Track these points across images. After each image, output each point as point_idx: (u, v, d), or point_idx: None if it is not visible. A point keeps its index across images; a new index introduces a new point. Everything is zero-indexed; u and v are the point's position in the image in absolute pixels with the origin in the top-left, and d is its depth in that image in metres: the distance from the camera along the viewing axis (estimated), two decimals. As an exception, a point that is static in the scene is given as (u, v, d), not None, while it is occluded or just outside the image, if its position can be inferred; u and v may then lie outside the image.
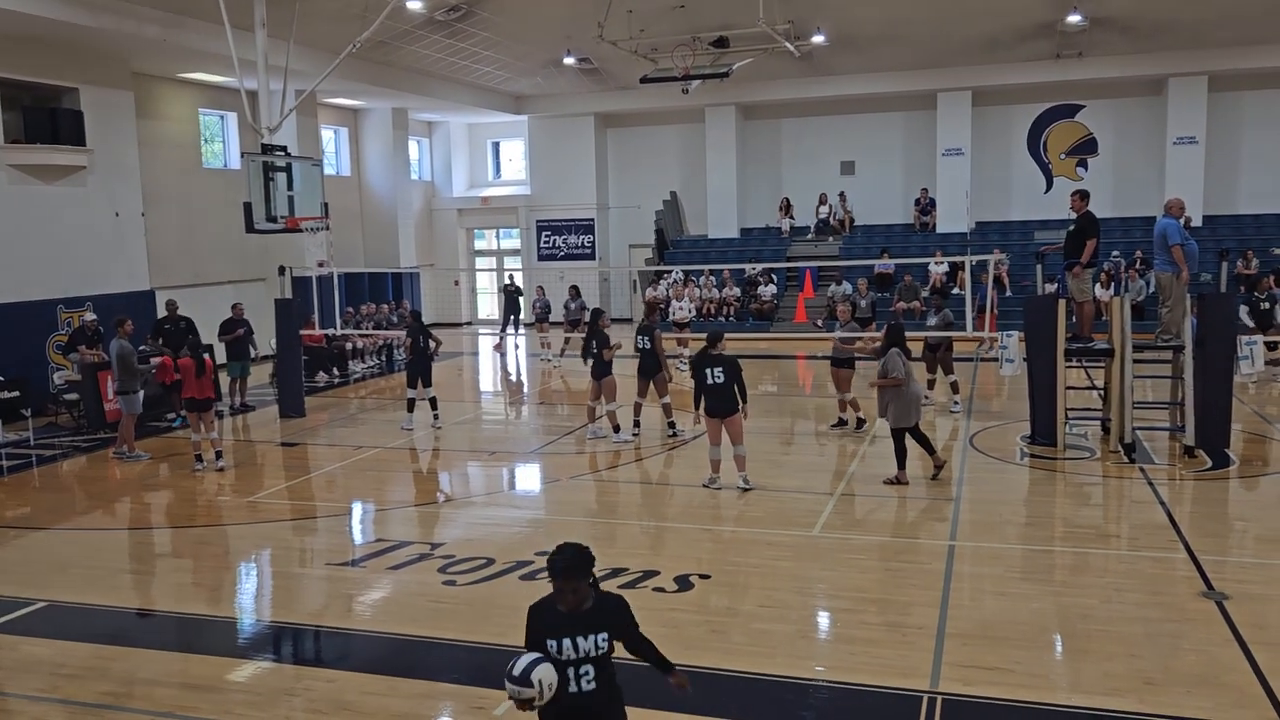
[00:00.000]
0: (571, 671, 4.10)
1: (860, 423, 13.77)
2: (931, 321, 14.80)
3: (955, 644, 6.79)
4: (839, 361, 13.72)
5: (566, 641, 4.10)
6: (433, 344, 14.72)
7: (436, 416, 14.78)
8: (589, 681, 4.14)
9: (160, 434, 15.18)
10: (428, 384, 14.69)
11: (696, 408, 10.75)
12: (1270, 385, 16.09)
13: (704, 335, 11.33)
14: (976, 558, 8.66)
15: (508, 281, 24.35)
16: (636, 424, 13.69)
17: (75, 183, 17.73)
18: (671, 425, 13.71)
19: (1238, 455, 11.69)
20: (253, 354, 17.16)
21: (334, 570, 8.89)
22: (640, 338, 13.67)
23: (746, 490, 10.61)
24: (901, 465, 10.95)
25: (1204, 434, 11.65)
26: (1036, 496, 10.83)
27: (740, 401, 10.60)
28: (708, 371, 10.55)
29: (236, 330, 16.84)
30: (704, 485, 10.87)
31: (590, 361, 13.60)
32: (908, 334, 11.31)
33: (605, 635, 4.16)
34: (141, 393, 13.71)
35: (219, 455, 12.62)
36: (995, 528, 9.52)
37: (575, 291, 21.53)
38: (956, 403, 14.88)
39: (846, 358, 13.66)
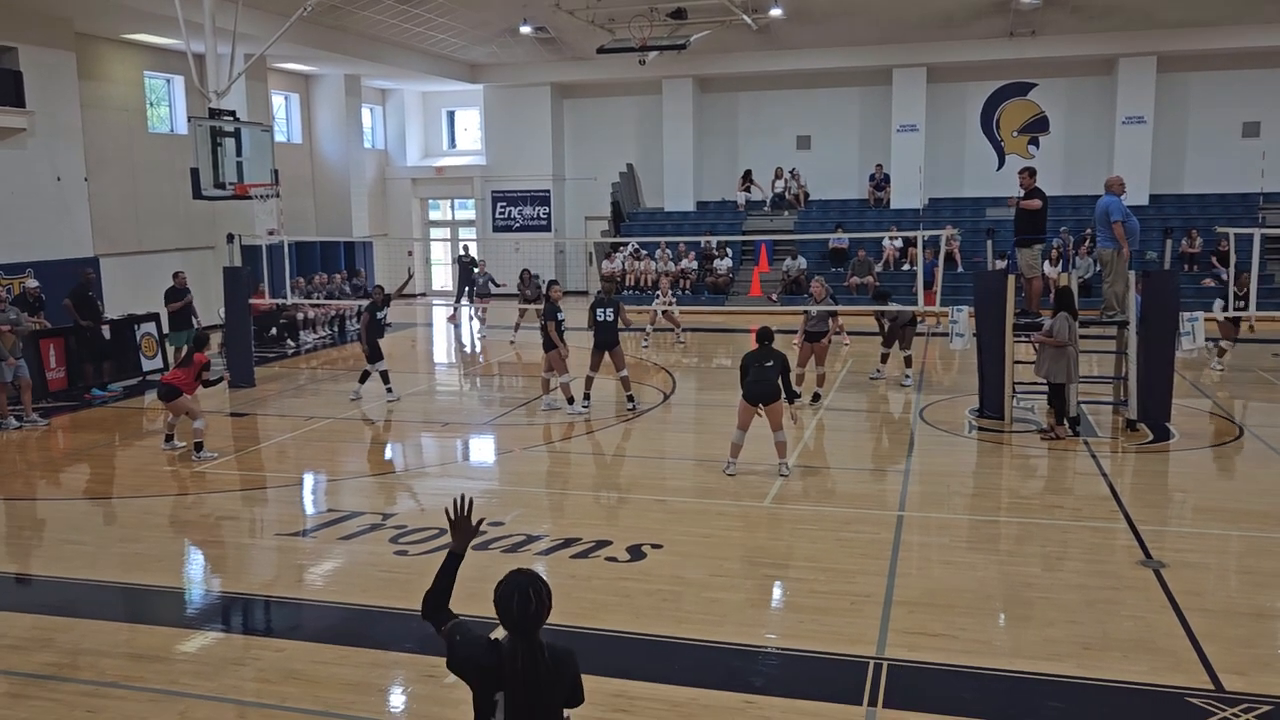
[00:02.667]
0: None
1: (816, 396, 13.93)
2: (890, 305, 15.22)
3: (902, 611, 6.92)
4: (811, 336, 13.89)
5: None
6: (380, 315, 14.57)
7: (390, 390, 14.63)
8: None
9: (92, 405, 14.92)
10: (377, 357, 14.51)
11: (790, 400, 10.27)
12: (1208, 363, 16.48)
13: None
14: (924, 528, 8.82)
15: (462, 253, 24.14)
16: (587, 398, 13.64)
17: (15, 145, 17.24)
18: (630, 399, 13.70)
19: (1178, 429, 11.98)
20: (194, 323, 16.72)
21: (284, 541, 8.82)
22: (601, 310, 13.58)
23: (785, 476, 10.17)
24: (1060, 420, 11.51)
25: (1146, 408, 11.93)
26: (983, 469, 11.03)
27: (787, 396, 10.18)
28: (757, 364, 10.13)
29: (185, 298, 16.51)
30: (724, 471, 10.38)
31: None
32: (859, 309, 11.45)
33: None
34: (20, 361, 13.27)
35: (199, 448, 11.54)
36: (943, 499, 9.69)
37: (527, 276, 21.00)
38: (908, 376, 15.11)
39: (819, 331, 13.84)
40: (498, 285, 22.21)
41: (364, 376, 14.69)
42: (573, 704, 3.59)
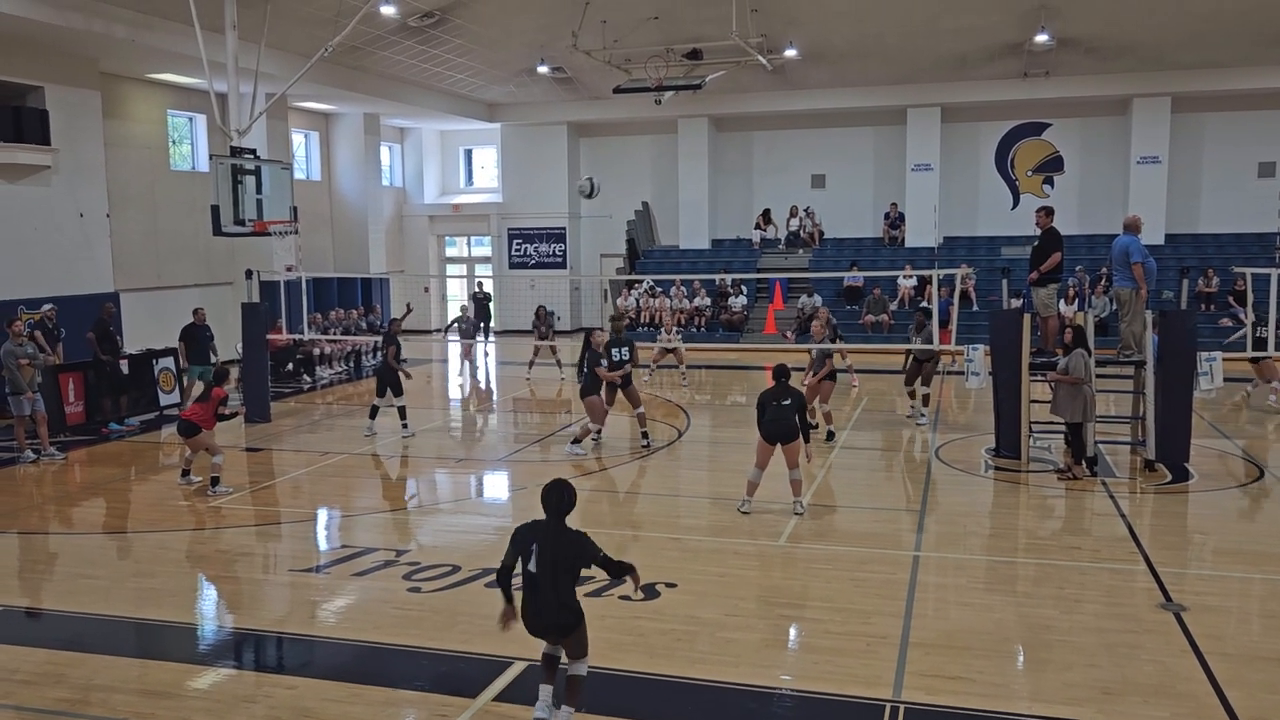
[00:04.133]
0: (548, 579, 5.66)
1: (830, 435, 13.89)
2: (915, 342, 15.06)
3: (918, 653, 6.84)
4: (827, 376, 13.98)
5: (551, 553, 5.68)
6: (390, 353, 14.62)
7: (405, 425, 14.65)
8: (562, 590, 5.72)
9: (109, 440, 15.00)
10: (398, 393, 14.58)
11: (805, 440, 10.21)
12: (1228, 401, 16.36)
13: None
14: (941, 568, 8.73)
15: (477, 289, 24.27)
16: (598, 433, 13.61)
17: (39, 182, 17.49)
18: (645, 435, 13.68)
19: (1197, 470, 11.86)
20: (213, 359, 16.80)
21: (297, 577, 8.81)
22: (617, 350, 13.60)
23: (799, 515, 10.10)
24: (1078, 460, 11.42)
25: (1164, 448, 11.83)
26: (1000, 509, 10.94)
27: (803, 436, 10.17)
28: (774, 403, 10.09)
29: (205, 334, 16.63)
30: (738, 509, 10.31)
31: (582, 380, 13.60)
32: (880, 345, 11.45)
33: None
34: (31, 396, 13.30)
35: (215, 482, 11.55)
36: (959, 539, 9.60)
37: (542, 313, 21.12)
38: (923, 415, 15.02)
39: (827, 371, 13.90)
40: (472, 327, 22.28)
41: (374, 411, 14.73)
42: (594, 561, 5.77)
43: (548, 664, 5.97)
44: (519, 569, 5.73)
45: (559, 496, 5.75)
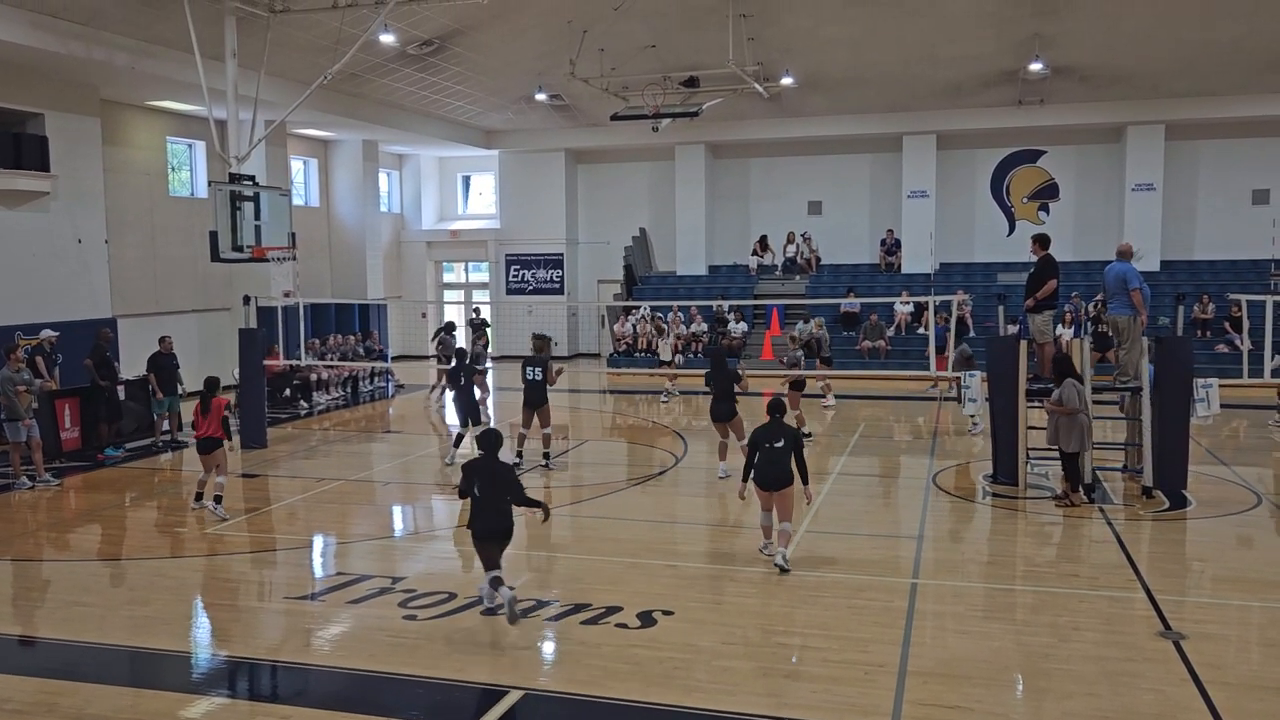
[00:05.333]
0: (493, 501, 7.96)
1: (806, 435, 14.74)
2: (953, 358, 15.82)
3: (917, 682, 6.80)
4: (792, 384, 15.82)
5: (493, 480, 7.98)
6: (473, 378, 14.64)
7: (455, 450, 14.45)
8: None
9: (105, 466, 14.95)
10: (476, 422, 14.56)
11: (746, 479, 9.48)
12: (1225, 426, 16.37)
13: (687, 371, 11.24)
14: (939, 596, 8.70)
15: (473, 314, 24.30)
16: (519, 454, 13.85)
17: (38, 209, 17.54)
18: (546, 456, 13.98)
19: (1195, 497, 11.85)
20: (179, 389, 16.70)
21: (293, 604, 8.76)
22: (530, 369, 13.85)
23: (783, 570, 9.20)
24: (1075, 487, 11.38)
25: (1162, 475, 11.82)
26: (998, 535, 10.91)
27: (801, 478, 9.36)
28: (766, 444, 9.33)
29: (172, 363, 16.32)
30: (761, 550, 9.71)
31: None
32: (876, 372, 11.46)
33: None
34: (27, 423, 13.24)
35: (218, 500, 11.60)
36: (957, 566, 9.58)
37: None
38: (977, 424, 15.71)
39: (798, 381, 15.91)
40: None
41: (459, 439, 14.56)
42: (519, 500, 8.04)
43: (495, 586, 7.94)
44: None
45: (491, 440, 8.19)
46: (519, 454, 13.79)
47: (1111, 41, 21.51)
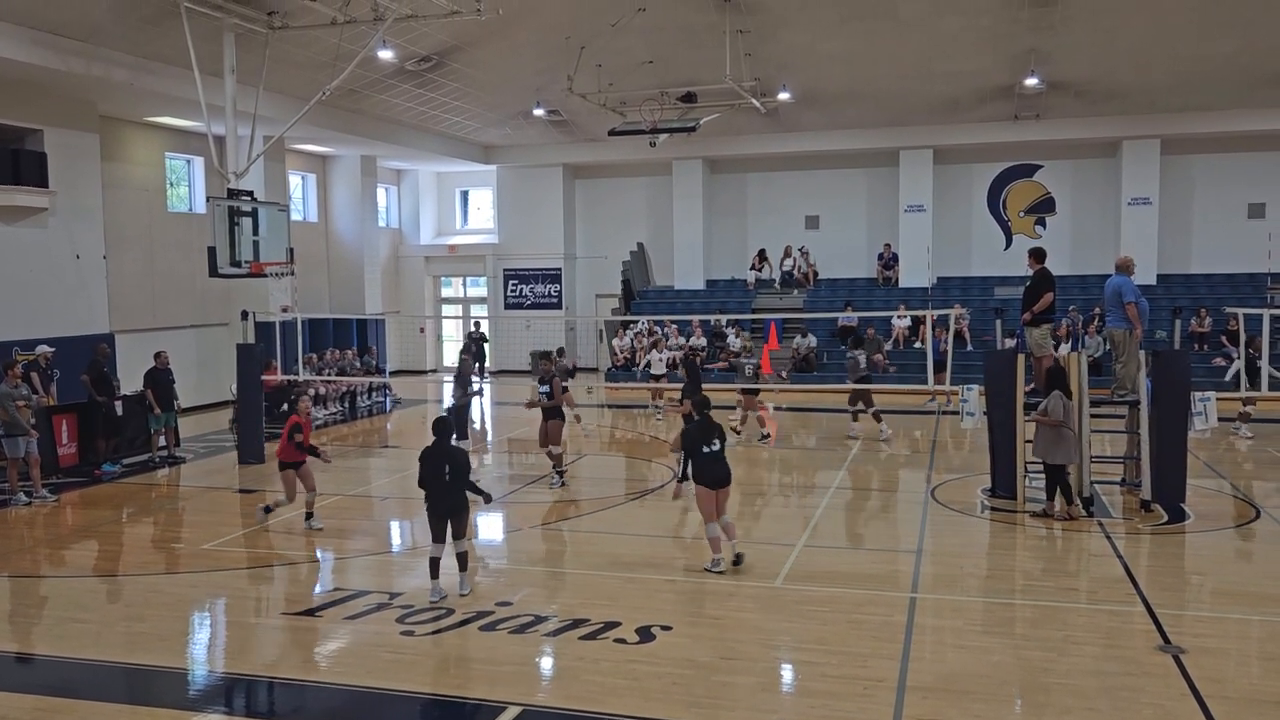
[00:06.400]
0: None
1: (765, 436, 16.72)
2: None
3: (916, 697, 6.78)
4: (747, 391, 17.19)
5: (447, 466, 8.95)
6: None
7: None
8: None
9: (102, 482, 14.92)
10: (463, 438, 14.61)
11: (682, 480, 9.73)
12: (1223, 440, 16.38)
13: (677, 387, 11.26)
14: (938, 610, 8.68)
15: (473, 328, 24.32)
16: (559, 473, 13.90)
17: (36, 224, 17.55)
18: (557, 473, 13.95)
19: (1194, 510, 11.84)
20: (176, 405, 16.61)
21: (290, 620, 8.73)
22: (542, 388, 13.85)
23: (740, 560, 9.65)
24: (1069, 500, 11.41)
25: (1160, 489, 11.81)
26: (997, 549, 10.89)
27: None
28: (705, 448, 9.47)
29: (168, 379, 16.33)
30: (708, 569, 9.64)
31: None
32: (873, 387, 11.45)
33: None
34: (33, 436, 13.26)
35: (309, 516, 11.74)
36: (956, 580, 9.56)
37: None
38: (883, 431, 16.73)
39: (753, 389, 17.30)
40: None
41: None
42: (466, 469, 9.03)
43: (434, 566, 9.00)
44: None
45: (445, 424, 9.21)
46: (559, 473, 13.85)
47: (1107, 57, 21.62)
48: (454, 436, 9.21)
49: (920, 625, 8.24)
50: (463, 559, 9.04)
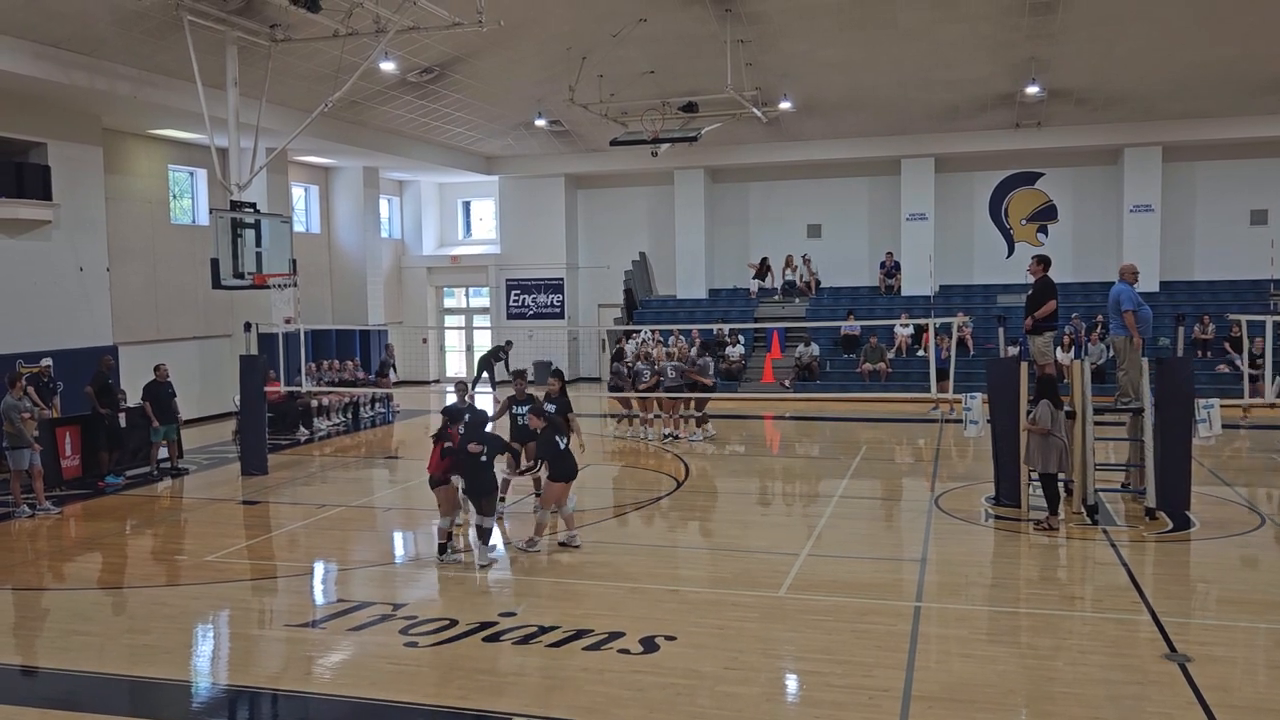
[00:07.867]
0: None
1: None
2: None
3: (921, 706, 6.75)
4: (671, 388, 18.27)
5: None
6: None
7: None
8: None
9: (105, 494, 14.92)
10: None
11: (524, 471, 11.55)
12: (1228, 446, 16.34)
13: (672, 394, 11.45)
14: (942, 619, 8.66)
15: (504, 344, 24.47)
16: (502, 499, 12.71)
17: (40, 237, 17.59)
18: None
19: (1199, 518, 11.80)
20: (177, 418, 16.56)
21: (293, 632, 8.71)
22: (520, 409, 12.59)
23: (576, 546, 10.93)
24: (1052, 510, 11.39)
25: (1165, 496, 11.78)
26: (1001, 558, 10.86)
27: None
28: (559, 439, 10.82)
29: (168, 393, 16.24)
30: (523, 548, 10.91)
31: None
32: (877, 395, 11.46)
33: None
34: (36, 449, 13.23)
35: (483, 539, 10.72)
36: (961, 589, 9.53)
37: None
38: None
39: (676, 385, 18.30)
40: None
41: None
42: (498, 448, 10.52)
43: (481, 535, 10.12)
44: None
45: (462, 390, 10.89)
46: (501, 499, 13.68)
47: (1107, 64, 21.65)
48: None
49: (925, 634, 8.21)
50: (485, 533, 10.02)
